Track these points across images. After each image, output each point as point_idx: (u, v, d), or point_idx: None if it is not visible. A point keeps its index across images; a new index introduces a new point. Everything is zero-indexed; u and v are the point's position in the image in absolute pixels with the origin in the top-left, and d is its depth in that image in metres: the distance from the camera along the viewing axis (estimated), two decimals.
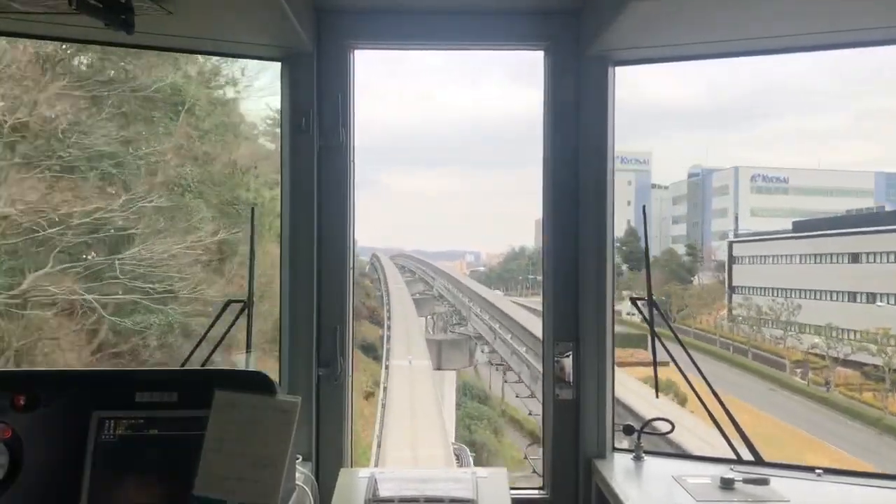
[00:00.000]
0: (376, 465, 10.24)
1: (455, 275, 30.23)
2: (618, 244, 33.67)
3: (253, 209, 3.24)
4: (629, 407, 12.20)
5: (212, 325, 2.75)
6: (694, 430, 9.61)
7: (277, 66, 2.85)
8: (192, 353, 2.79)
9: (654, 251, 34.80)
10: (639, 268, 32.45)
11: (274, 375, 2.40)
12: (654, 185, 39.05)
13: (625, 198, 37.20)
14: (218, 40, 2.78)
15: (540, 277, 2.98)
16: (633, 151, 38.08)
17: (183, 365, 2.72)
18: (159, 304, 9.40)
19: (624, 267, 33.26)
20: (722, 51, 2.71)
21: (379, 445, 12.38)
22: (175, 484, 1.86)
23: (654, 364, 2.77)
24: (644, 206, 2.97)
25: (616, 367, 2.82)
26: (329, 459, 2.79)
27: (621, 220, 35.37)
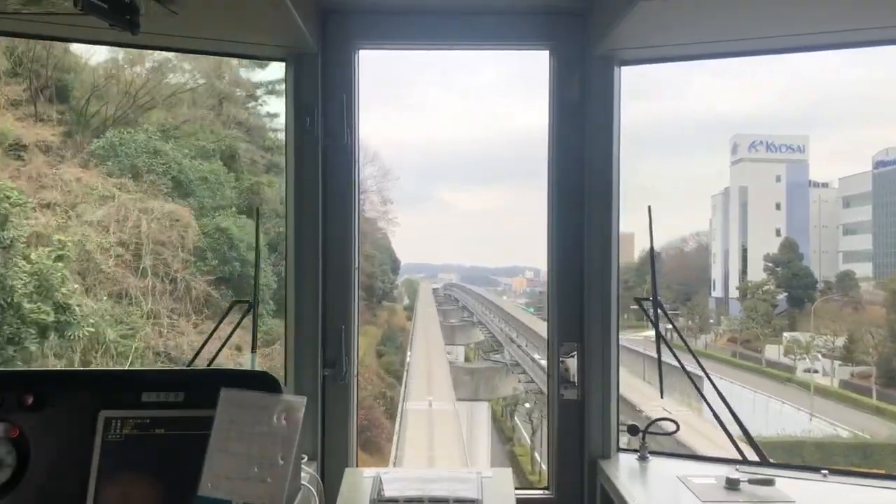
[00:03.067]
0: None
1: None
2: (770, 263, 25.18)
3: (257, 209, 3.25)
4: None
5: (217, 326, 2.76)
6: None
7: None
8: (198, 352, 2.80)
9: (821, 272, 25.77)
10: (803, 301, 23.64)
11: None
12: (812, 184, 27.71)
13: (772, 198, 26.95)
14: (223, 40, 2.78)
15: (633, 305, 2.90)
16: (784, 136, 27.19)
17: (189, 365, 2.72)
18: None
19: (781, 297, 24.25)
20: (730, 50, 2.70)
21: None
22: (180, 484, 1.86)
23: (659, 364, 2.76)
24: (649, 207, 2.94)
25: None
26: (334, 459, 2.79)
27: (769, 228, 26.55)
